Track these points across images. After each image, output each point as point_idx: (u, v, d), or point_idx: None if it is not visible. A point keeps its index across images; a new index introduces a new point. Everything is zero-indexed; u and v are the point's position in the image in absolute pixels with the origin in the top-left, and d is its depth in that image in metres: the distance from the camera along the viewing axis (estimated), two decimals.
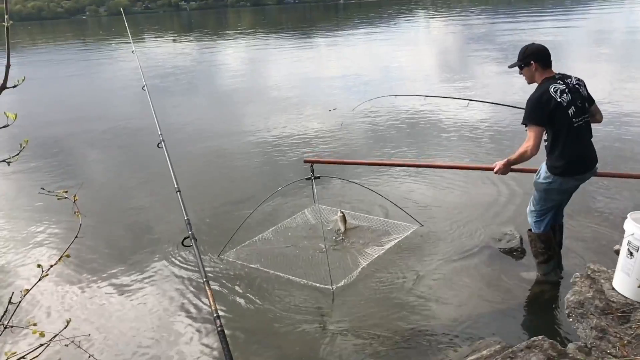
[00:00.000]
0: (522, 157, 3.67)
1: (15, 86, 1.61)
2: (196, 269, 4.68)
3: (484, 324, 3.71)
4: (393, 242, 4.89)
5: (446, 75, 14.56)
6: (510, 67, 3.91)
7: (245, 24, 54.81)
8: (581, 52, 16.98)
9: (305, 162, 5.13)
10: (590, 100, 3.77)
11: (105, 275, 4.80)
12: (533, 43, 3.82)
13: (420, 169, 6.70)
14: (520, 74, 3.84)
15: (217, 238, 5.19)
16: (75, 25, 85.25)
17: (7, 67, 1.57)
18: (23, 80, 1.66)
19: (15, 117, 1.63)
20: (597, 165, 3.82)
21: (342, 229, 5.19)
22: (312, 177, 4.95)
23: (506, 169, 3.88)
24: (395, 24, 38.29)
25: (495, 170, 3.93)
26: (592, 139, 3.80)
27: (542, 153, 3.74)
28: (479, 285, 4.18)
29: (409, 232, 5.07)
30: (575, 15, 33.04)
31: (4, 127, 1.65)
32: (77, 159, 9.02)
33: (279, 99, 12.69)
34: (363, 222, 5.39)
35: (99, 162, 8.68)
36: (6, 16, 1.50)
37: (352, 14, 61.88)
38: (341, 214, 5.25)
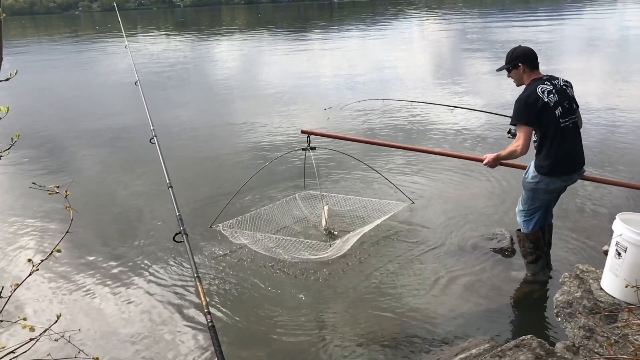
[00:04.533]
0: (512, 155, 3.74)
1: (7, 79, 1.61)
2: (187, 264, 4.68)
3: (473, 323, 3.74)
4: (385, 217, 5.02)
5: (438, 75, 14.62)
6: (499, 70, 3.95)
7: (239, 22, 54.65)
8: (573, 54, 17.08)
9: (303, 132, 5.20)
10: (576, 103, 3.80)
11: (96, 270, 4.79)
12: (520, 45, 3.87)
13: (415, 163, 6.83)
14: (509, 76, 3.88)
15: (209, 234, 5.18)
16: (68, 20, 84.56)
17: (0, 60, 1.57)
18: (16, 73, 1.65)
19: (7, 111, 1.62)
20: (585, 167, 3.86)
21: (324, 223, 5.16)
22: (309, 148, 4.99)
23: (495, 162, 3.95)
24: (389, 23, 38.31)
25: (485, 162, 3.99)
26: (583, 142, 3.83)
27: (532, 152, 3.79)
28: (468, 285, 4.21)
29: (401, 208, 5.22)
30: (568, 17, 33.22)
31: None
32: (69, 154, 8.96)
33: (273, 97, 12.67)
34: (354, 204, 5.49)
35: (90, 158, 8.63)
36: None
37: (346, 13, 61.90)
38: (326, 207, 5.25)
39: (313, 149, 5.01)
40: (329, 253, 4.32)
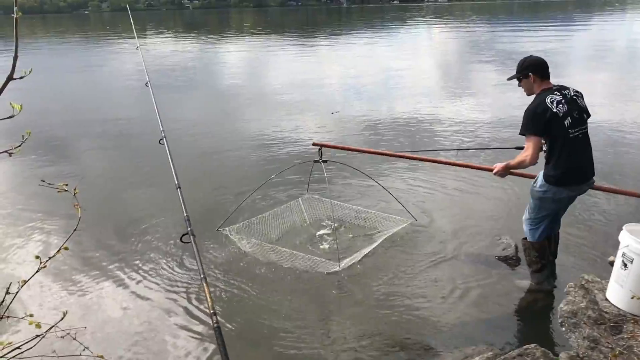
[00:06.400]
0: (521, 165, 3.74)
1: (22, 77, 1.62)
2: (194, 265, 4.69)
3: (476, 331, 3.73)
4: (387, 234, 5.04)
5: (445, 83, 14.64)
6: (509, 79, 3.95)
7: (248, 24, 54.87)
8: (581, 63, 17.05)
9: (314, 144, 5.26)
10: (587, 113, 3.80)
11: (103, 269, 4.80)
12: (531, 55, 3.88)
13: (423, 170, 6.84)
14: (519, 86, 3.88)
15: (215, 236, 5.20)
16: (78, 20, 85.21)
17: (15, 58, 1.58)
18: (30, 72, 1.66)
19: (21, 108, 1.64)
20: (595, 178, 3.85)
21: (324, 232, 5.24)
22: (321, 161, 5.04)
23: (505, 172, 3.95)
24: (397, 30, 38.39)
25: (494, 171, 3.99)
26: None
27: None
28: (472, 292, 4.19)
29: (404, 225, 5.23)
30: (576, 26, 33.15)
31: (10, 117, 1.66)
32: (78, 152, 9.01)
33: (281, 100, 12.72)
34: (359, 214, 5.55)
35: (100, 157, 8.67)
36: (15, 8, 1.52)
37: (355, 18, 62.03)
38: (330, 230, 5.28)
39: (325, 161, 5.06)
40: (336, 269, 4.42)
